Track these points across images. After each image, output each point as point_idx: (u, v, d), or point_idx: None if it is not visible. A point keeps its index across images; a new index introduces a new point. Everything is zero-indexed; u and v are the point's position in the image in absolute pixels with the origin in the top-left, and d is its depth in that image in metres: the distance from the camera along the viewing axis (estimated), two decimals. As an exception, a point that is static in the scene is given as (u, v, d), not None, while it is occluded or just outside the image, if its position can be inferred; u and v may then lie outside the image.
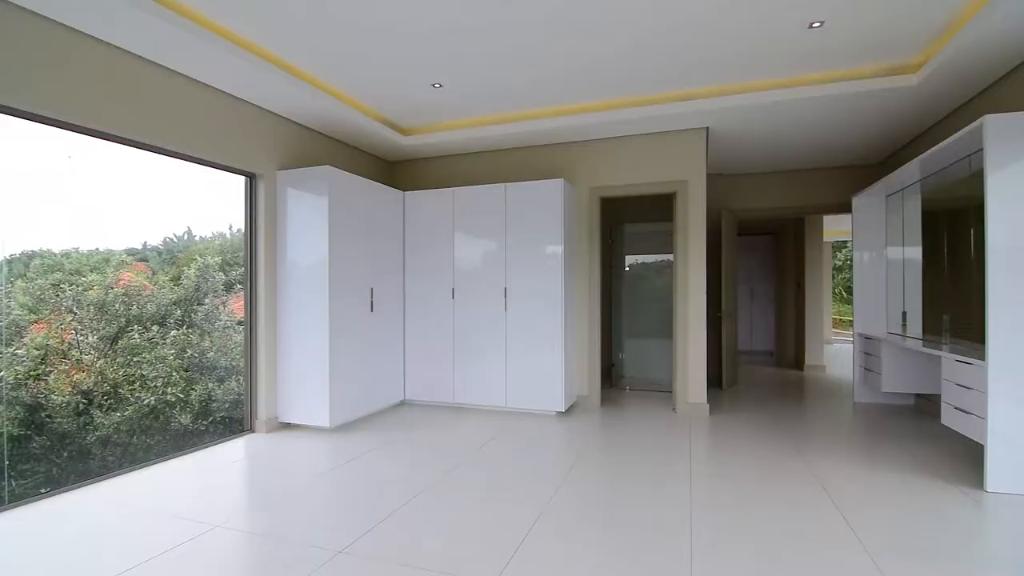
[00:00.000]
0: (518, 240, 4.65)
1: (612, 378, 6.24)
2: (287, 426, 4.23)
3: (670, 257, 5.65)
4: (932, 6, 2.88)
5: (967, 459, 3.36)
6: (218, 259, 7.41)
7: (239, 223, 4.25)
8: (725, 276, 5.88)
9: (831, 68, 3.66)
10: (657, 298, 6.25)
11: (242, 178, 4.08)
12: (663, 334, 6.00)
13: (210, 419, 6.14)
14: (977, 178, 3.05)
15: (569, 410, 4.77)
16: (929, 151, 3.58)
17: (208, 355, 6.51)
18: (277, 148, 4.20)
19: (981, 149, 2.92)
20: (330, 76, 3.80)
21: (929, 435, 3.95)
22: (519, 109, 4.47)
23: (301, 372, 4.10)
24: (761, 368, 7.59)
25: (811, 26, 3.09)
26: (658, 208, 5.88)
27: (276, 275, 4.19)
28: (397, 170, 5.70)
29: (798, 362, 7.43)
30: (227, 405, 6.20)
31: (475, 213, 4.80)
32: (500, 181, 5.09)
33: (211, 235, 9.10)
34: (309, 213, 4.08)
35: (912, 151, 4.75)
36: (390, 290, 4.85)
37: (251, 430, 4.12)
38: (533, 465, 3.35)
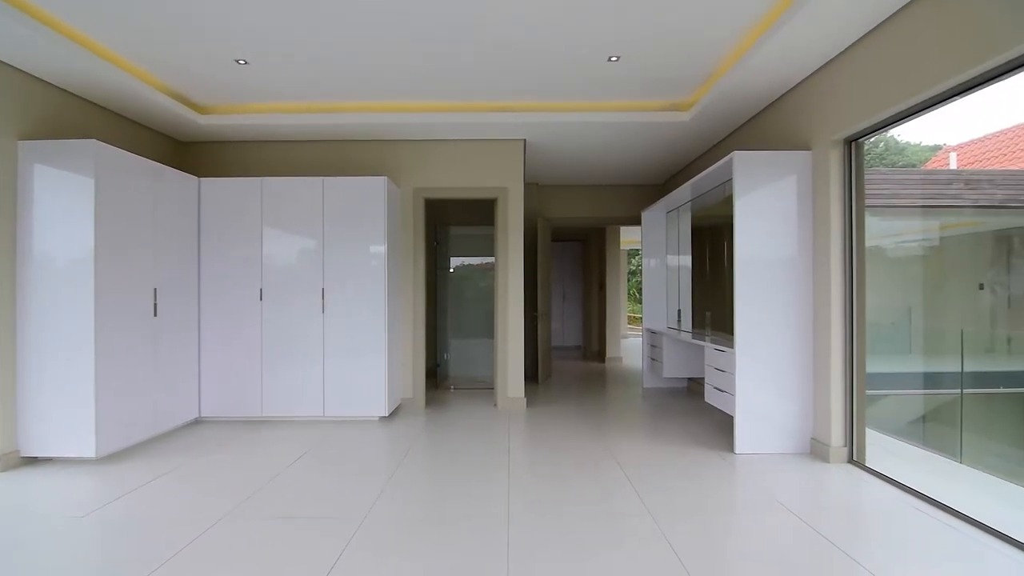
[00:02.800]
0: (338, 238, 4.40)
1: (437, 378, 6.28)
2: (34, 461, 3.38)
3: (493, 260, 5.89)
4: (697, 61, 3.48)
5: (723, 429, 4.13)
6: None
7: (-45, 203, 3.26)
8: (541, 278, 6.34)
9: (626, 99, 4.19)
10: (481, 299, 6.46)
11: (-39, 145, 3.16)
12: (486, 334, 6.23)
13: (-94, 462, 4.59)
14: (729, 201, 3.77)
15: (393, 414, 4.66)
16: (695, 177, 4.33)
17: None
18: (20, 113, 3.33)
19: (731, 179, 3.63)
20: (104, 33, 3.14)
21: (697, 411, 4.78)
22: (337, 99, 4.23)
23: (55, 391, 3.31)
24: (571, 362, 8.36)
25: (610, 59, 3.49)
26: (482, 212, 6.10)
27: (15, 270, 3.32)
28: (192, 153, 4.96)
29: (601, 355, 8.37)
30: (-65, 441, 4.71)
31: (288, 207, 4.41)
32: (319, 174, 4.76)
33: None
34: (68, 196, 3.32)
35: (686, 175, 5.69)
36: (181, 290, 4.20)
37: (-26, 471, 3.20)
38: (352, 475, 3.19)
